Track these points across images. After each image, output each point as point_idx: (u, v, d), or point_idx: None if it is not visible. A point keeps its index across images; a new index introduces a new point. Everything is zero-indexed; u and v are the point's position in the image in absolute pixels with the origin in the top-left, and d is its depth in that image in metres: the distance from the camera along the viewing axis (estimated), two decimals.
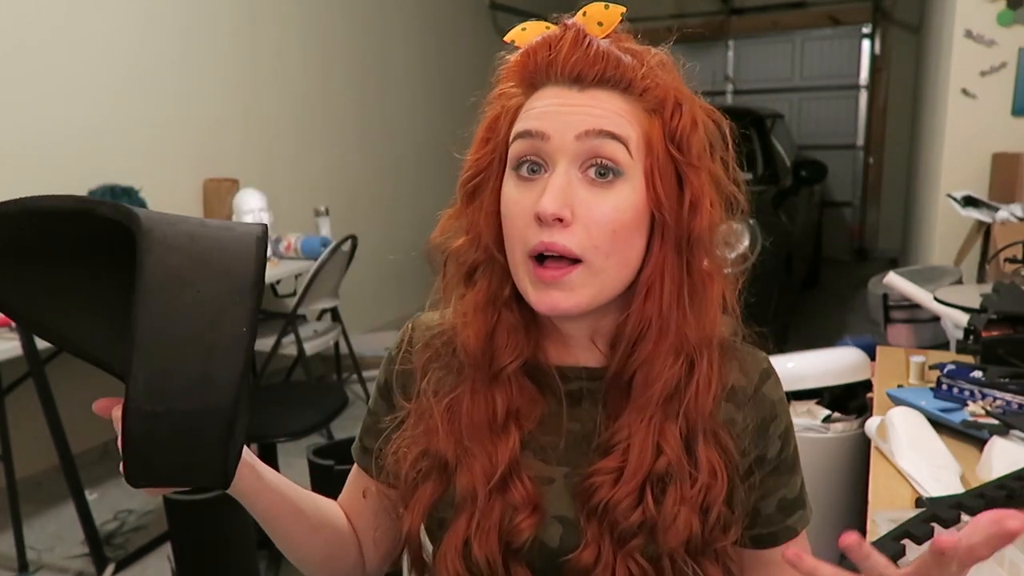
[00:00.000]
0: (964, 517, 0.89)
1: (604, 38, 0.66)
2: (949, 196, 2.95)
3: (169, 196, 3.26)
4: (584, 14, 0.67)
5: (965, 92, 3.10)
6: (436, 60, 5.11)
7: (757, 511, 0.73)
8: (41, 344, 2.20)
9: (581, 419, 0.71)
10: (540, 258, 0.64)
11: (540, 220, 0.62)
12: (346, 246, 3.23)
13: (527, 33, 0.69)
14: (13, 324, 2.17)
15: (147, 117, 3.20)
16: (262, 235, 0.58)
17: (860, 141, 6.74)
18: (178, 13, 3.31)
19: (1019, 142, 2.99)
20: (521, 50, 0.68)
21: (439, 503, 0.70)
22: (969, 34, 3.04)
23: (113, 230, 0.55)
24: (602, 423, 0.69)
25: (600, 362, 0.71)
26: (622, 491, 0.65)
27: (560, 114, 0.63)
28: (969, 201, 2.82)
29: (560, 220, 0.62)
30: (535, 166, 0.64)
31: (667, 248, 0.66)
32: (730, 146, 0.70)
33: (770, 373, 0.75)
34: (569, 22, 0.67)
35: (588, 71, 0.64)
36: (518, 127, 0.66)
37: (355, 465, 0.83)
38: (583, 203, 0.63)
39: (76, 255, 0.59)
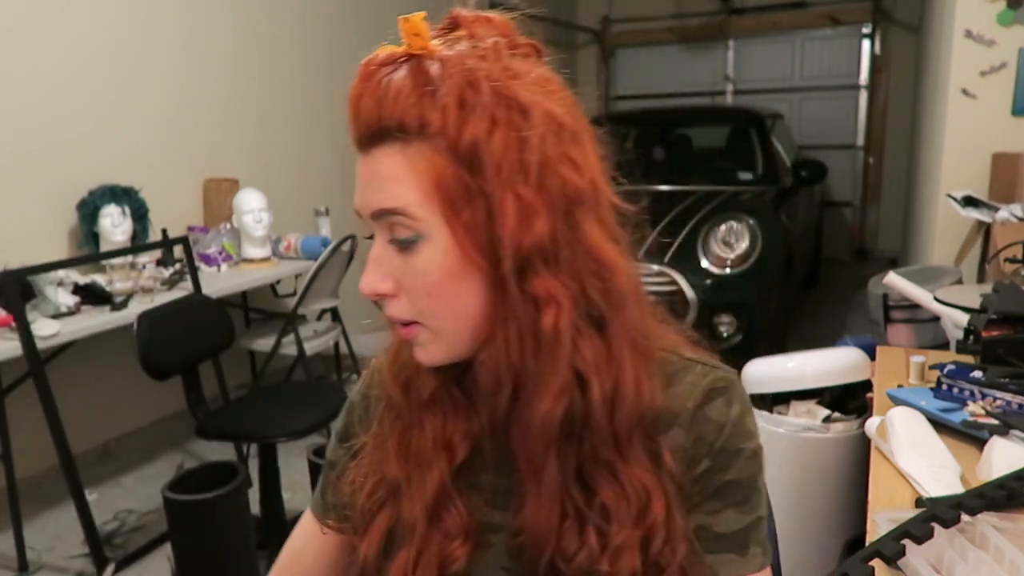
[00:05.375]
0: (964, 517, 0.89)
1: (425, 49, 0.58)
2: (949, 196, 2.95)
3: (169, 196, 3.26)
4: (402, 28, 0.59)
5: (965, 92, 3.10)
6: None
7: None
8: (41, 344, 2.20)
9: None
10: None
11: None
12: (346, 246, 3.23)
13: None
14: (13, 324, 2.17)
15: (147, 117, 3.20)
16: None
17: (860, 141, 6.73)
18: (179, 12, 3.31)
19: (1019, 142, 2.99)
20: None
21: (393, 531, 0.68)
22: (969, 34, 3.04)
23: None
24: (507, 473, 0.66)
25: None
26: (550, 544, 0.61)
27: (359, 188, 0.60)
28: (969, 201, 2.82)
29: (384, 295, 0.61)
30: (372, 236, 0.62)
31: (493, 285, 0.58)
32: (584, 126, 0.59)
33: (719, 393, 0.64)
34: (370, 57, 0.59)
35: (363, 133, 0.57)
36: None
37: (308, 513, 0.81)
38: (399, 271, 0.60)
39: None
